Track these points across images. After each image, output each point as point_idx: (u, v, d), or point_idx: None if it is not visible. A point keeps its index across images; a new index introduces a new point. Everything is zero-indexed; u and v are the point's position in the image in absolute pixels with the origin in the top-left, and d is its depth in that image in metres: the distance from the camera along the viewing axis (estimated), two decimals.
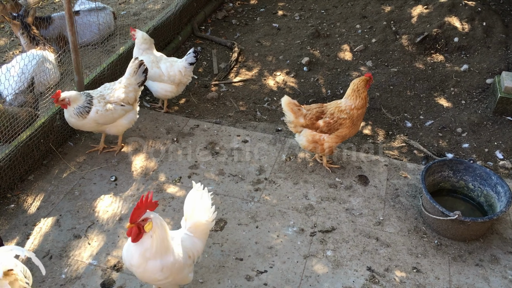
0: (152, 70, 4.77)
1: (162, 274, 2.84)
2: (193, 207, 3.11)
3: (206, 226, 3.15)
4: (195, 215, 3.10)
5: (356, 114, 4.12)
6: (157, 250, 2.78)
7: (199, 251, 3.13)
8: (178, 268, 2.90)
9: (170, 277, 2.89)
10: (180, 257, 2.91)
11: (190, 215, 3.11)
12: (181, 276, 2.98)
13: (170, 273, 2.87)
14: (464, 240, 3.80)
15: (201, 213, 3.11)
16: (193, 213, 3.10)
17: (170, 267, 2.84)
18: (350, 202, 4.11)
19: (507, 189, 3.83)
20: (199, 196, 3.15)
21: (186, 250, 2.99)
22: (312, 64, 5.98)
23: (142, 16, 6.59)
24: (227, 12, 7.16)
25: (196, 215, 3.10)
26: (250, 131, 4.89)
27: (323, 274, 3.51)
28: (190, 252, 3.03)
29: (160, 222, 2.79)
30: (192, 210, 3.11)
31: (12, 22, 5.26)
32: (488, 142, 4.89)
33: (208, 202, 3.19)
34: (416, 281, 3.49)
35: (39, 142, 4.26)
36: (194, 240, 3.09)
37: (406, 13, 6.56)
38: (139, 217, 2.68)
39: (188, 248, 3.02)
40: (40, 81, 4.94)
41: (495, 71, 5.68)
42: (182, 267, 2.94)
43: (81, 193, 4.11)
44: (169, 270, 2.85)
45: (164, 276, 2.85)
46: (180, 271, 2.94)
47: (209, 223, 3.16)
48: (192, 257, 3.06)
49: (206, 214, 3.14)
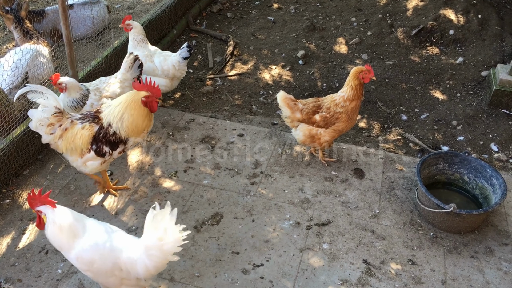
0: (146, 64, 4.75)
1: (79, 264, 2.82)
2: (156, 228, 2.73)
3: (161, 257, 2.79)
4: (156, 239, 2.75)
5: (349, 106, 4.09)
6: (55, 243, 2.82)
7: (141, 273, 2.81)
8: (98, 268, 2.80)
9: (90, 273, 2.85)
10: (101, 261, 2.78)
11: (149, 234, 2.77)
12: (108, 281, 2.88)
13: (88, 269, 2.82)
14: (459, 232, 3.82)
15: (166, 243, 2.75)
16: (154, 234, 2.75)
17: (86, 262, 2.79)
18: (346, 195, 4.12)
19: (502, 181, 3.84)
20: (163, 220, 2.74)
21: (117, 260, 2.80)
22: (307, 57, 5.97)
23: (136, 10, 6.55)
24: (222, 6, 7.13)
25: (155, 238, 2.75)
26: (245, 124, 4.88)
27: (319, 267, 3.53)
28: (124, 265, 2.81)
29: (54, 219, 2.75)
30: (153, 230, 2.74)
31: (5, 16, 5.21)
32: (483, 135, 4.91)
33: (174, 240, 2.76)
34: (412, 273, 3.51)
35: (34, 137, 4.23)
36: (142, 259, 2.78)
37: (402, 5, 6.56)
38: (32, 206, 2.80)
39: (124, 260, 2.80)
40: (34, 75, 4.91)
41: (490, 63, 5.68)
42: (106, 272, 2.81)
43: (77, 188, 4.10)
44: (85, 264, 2.80)
45: (82, 268, 2.84)
46: (104, 275, 2.83)
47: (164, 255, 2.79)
48: (125, 271, 2.81)
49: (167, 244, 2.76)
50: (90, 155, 3.60)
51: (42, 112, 3.49)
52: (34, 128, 3.55)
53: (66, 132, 3.56)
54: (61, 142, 3.58)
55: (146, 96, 3.51)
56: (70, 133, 3.56)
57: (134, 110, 3.54)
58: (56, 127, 3.54)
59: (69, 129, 3.57)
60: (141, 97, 3.52)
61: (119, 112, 3.55)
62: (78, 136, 3.56)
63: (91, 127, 3.57)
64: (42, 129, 3.53)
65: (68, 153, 3.64)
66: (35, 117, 3.50)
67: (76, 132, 3.56)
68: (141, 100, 3.52)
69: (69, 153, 3.63)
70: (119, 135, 3.58)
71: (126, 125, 3.55)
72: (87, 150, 3.59)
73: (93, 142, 3.56)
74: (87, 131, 3.56)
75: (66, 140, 3.57)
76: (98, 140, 3.57)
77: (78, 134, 3.56)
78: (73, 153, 3.62)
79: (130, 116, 3.54)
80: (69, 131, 3.57)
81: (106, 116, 3.58)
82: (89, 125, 3.58)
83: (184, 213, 3.90)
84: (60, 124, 3.55)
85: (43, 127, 3.52)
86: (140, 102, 3.53)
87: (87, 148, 3.58)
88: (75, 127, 3.57)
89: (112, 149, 3.61)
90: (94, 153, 3.59)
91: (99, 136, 3.56)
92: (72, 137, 3.56)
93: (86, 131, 3.56)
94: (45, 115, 3.50)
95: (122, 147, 3.64)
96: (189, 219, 3.85)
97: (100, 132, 3.56)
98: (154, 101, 3.54)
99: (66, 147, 3.59)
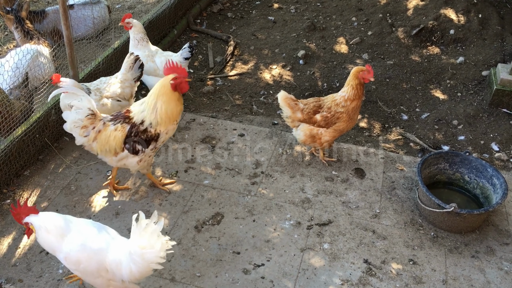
0: (147, 64, 4.75)
1: (67, 263, 2.88)
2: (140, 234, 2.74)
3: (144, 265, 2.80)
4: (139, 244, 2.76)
5: (350, 106, 4.09)
6: (46, 247, 2.89)
7: (125, 276, 2.82)
8: (85, 268, 2.85)
9: (79, 273, 2.92)
10: (87, 261, 2.82)
11: (134, 241, 2.78)
12: (96, 282, 2.92)
13: (76, 268, 2.88)
14: (460, 232, 3.82)
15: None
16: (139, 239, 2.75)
17: (74, 262, 2.85)
18: (346, 195, 4.12)
19: (502, 181, 3.84)
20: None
21: (103, 261, 2.82)
22: (308, 57, 5.97)
23: (137, 10, 6.55)
24: (223, 5, 7.13)
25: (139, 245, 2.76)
26: (246, 124, 4.88)
27: (320, 267, 3.53)
28: (109, 267, 2.82)
29: (39, 225, 2.81)
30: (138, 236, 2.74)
31: (6, 16, 5.21)
32: (484, 134, 4.90)
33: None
34: (413, 273, 3.51)
35: (35, 137, 4.24)
36: (127, 262, 2.79)
37: (402, 5, 6.55)
38: (19, 221, 2.85)
39: (110, 262, 2.82)
40: (34, 75, 4.91)
41: (491, 63, 5.68)
42: (92, 272, 2.85)
43: (78, 188, 4.10)
44: (72, 263, 2.86)
45: (71, 267, 2.91)
46: (91, 275, 2.87)
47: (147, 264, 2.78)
48: (111, 272, 2.82)
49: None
50: (124, 154, 3.67)
51: (76, 114, 3.55)
52: (69, 130, 3.61)
53: (99, 134, 3.62)
54: (96, 144, 3.65)
55: (174, 78, 3.53)
56: (103, 135, 3.63)
57: (166, 96, 3.56)
58: (90, 129, 3.61)
59: (102, 131, 3.63)
60: (169, 80, 3.53)
61: (151, 103, 3.59)
62: (111, 138, 3.62)
63: (123, 128, 3.63)
64: (76, 131, 3.59)
65: (103, 155, 3.71)
66: (69, 119, 3.57)
67: (110, 134, 3.63)
68: (170, 84, 3.53)
69: (104, 154, 3.70)
70: (150, 132, 3.62)
71: (160, 113, 3.58)
72: (121, 150, 3.65)
73: (126, 141, 3.63)
74: (119, 132, 3.62)
75: (100, 142, 3.64)
76: (130, 139, 3.63)
77: (111, 135, 3.62)
78: (107, 154, 3.69)
79: (162, 104, 3.57)
80: (102, 133, 3.62)
81: (137, 114, 3.64)
82: (121, 126, 3.64)
83: (184, 213, 3.90)
84: (94, 126, 3.61)
85: (77, 129, 3.58)
86: (169, 87, 3.54)
87: (120, 148, 3.64)
88: (108, 129, 3.64)
89: (144, 146, 3.67)
90: (128, 151, 3.65)
91: (131, 135, 3.62)
92: (105, 139, 3.63)
93: (119, 132, 3.62)
94: (79, 117, 3.56)
95: (153, 144, 3.69)
96: (189, 219, 3.85)
97: (131, 131, 3.62)
98: (183, 81, 3.55)
99: (100, 149, 3.67)
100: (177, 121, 3.73)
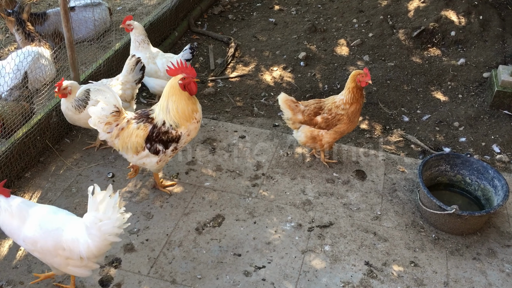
0: (148, 66, 4.75)
1: (25, 244, 2.96)
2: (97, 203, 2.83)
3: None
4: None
5: (350, 109, 4.09)
6: (6, 229, 2.98)
7: (83, 253, 2.87)
8: (42, 247, 2.92)
9: (37, 254, 2.98)
10: (43, 240, 2.90)
11: (89, 214, 2.86)
12: (54, 261, 2.97)
13: (34, 249, 2.94)
14: (462, 234, 3.81)
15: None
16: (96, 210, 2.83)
17: (31, 242, 2.92)
18: (347, 197, 4.12)
19: (504, 182, 3.84)
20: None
21: (59, 239, 2.89)
22: (309, 59, 5.97)
23: (138, 12, 6.56)
24: (224, 7, 7.14)
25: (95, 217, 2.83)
26: (247, 126, 4.88)
27: (321, 269, 3.52)
28: (66, 244, 2.89)
29: (5, 207, 2.91)
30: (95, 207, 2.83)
31: (7, 18, 5.22)
32: (485, 136, 4.90)
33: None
34: (414, 275, 3.50)
35: (36, 139, 4.24)
36: (84, 238, 2.85)
37: (403, 7, 6.55)
38: None
39: (66, 239, 2.88)
40: (35, 77, 4.92)
41: (492, 65, 5.68)
42: (49, 251, 2.92)
43: (78, 190, 4.10)
44: (30, 244, 2.93)
45: (29, 248, 2.97)
46: (49, 254, 2.94)
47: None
48: (68, 250, 2.89)
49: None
50: (145, 153, 3.70)
51: (102, 110, 3.61)
52: (93, 125, 3.67)
53: (122, 131, 3.67)
54: (118, 141, 3.70)
55: (182, 79, 3.55)
56: (126, 133, 3.68)
57: (175, 96, 3.60)
58: (113, 126, 3.66)
59: (125, 129, 3.68)
60: (178, 80, 3.56)
61: (163, 104, 3.64)
62: (133, 136, 3.67)
63: (145, 127, 3.68)
64: (100, 126, 3.65)
65: (124, 151, 3.76)
66: (95, 114, 3.62)
67: (132, 132, 3.67)
68: (178, 85, 3.56)
69: (125, 151, 3.75)
70: (171, 134, 3.66)
71: (173, 114, 3.63)
72: (142, 149, 3.69)
73: (147, 141, 3.66)
74: (142, 131, 3.67)
75: (122, 139, 3.69)
76: (152, 139, 3.66)
77: (133, 134, 3.67)
78: (128, 151, 3.74)
79: (173, 103, 3.61)
80: (125, 130, 3.67)
81: (157, 114, 3.68)
82: (144, 125, 3.68)
83: (185, 215, 3.90)
84: (117, 123, 3.66)
85: (101, 125, 3.64)
86: (178, 87, 3.58)
87: (141, 147, 3.68)
88: (130, 127, 3.68)
89: (165, 147, 3.70)
90: (149, 151, 3.69)
91: (153, 135, 3.66)
92: (128, 136, 3.68)
93: (141, 131, 3.67)
94: (104, 113, 3.62)
95: (174, 145, 3.73)
96: (190, 221, 3.85)
97: (153, 131, 3.66)
98: (191, 82, 3.57)
99: (122, 146, 3.72)
100: (198, 121, 3.75)
